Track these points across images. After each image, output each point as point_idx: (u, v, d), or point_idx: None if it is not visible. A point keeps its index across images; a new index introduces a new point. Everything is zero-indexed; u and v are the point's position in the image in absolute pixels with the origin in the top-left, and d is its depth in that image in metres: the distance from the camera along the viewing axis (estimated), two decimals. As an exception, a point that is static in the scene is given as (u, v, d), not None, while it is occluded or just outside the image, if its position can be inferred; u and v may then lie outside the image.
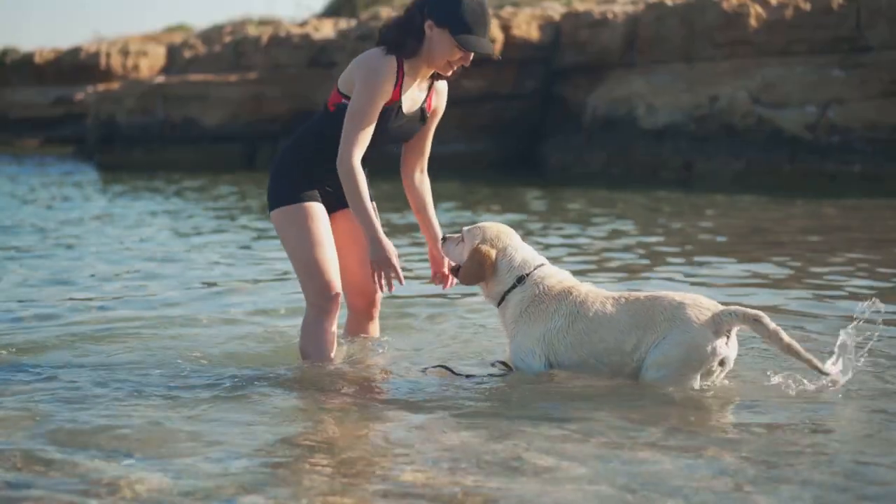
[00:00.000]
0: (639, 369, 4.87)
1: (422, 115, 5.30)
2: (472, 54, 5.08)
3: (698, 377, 4.80)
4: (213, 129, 23.91)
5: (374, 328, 5.64)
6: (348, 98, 5.11)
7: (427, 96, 5.28)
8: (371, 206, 5.04)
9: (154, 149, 24.37)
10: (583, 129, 20.35)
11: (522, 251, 5.19)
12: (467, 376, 5.23)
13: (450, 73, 5.19)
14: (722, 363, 4.82)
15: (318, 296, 5.22)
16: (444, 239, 5.35)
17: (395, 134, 5.24)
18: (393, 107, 5.12)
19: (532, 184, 18.64)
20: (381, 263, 5.00)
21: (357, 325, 5.63)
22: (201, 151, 23.71)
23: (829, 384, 4.88)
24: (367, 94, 5.00)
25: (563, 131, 20.98)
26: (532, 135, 21.53)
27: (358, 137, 4.99)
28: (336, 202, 5.34)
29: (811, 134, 17.11)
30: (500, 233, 5.21)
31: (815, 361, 4.79)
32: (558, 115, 21.20)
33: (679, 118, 18.78)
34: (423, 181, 5.53)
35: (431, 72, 5.19)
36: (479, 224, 5.28)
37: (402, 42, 5.04)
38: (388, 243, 5.01)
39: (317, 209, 5.25)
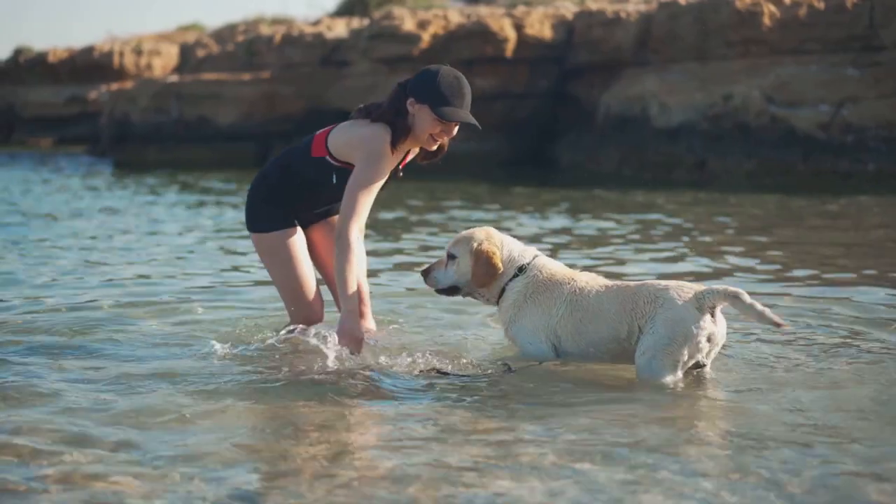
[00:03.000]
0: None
1: (394, 174, 5.71)
2: (456, 126, 5.42)
3: (687, 354, 4.94)
4: (227, 128, 23.97)
5: (367, 326, 5.91)
6: (335, 159, 5.51)
7: (402, 160, 5.68)
8: (355, 282, 5.39)
9: (168, 147, 24.44)
10: (596, 129, 20.34)
11: (516, 244, 5.44)
12: (461, 376, 5.27)
13: (434, 148, 5.54)
14: (710, 339, 4.97)
15: (299, 317, 5.75)
16: (425, 272, 5.52)
17: None
18: None
19: (544, 183, 18.63)
20: (347, 335, 5.38)
21: None
22: (215, 150, 23.77)
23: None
24: (371, 176, 5.41)
25: (575, 130, 20.97)
26: (544, 134, 21.52)
27: (359, 212, 5.41)
28: (311, 217, 5.81)
29: (825, 133, 17.07)
30: (489, 232, 5.44)
31: (779, 320, 4.93)
32: (571, 114, 21.18)
33: (692, 117, 18.75)
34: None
35: (419, 146, 5.57)
36: (463, 235, 5.46)
37: (395, 123, 5.42)
38: (359, 322, 5.43)
39: (292, 235, 5.71)
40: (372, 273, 8.52)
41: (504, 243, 5.37)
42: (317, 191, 5.64)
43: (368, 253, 9.36)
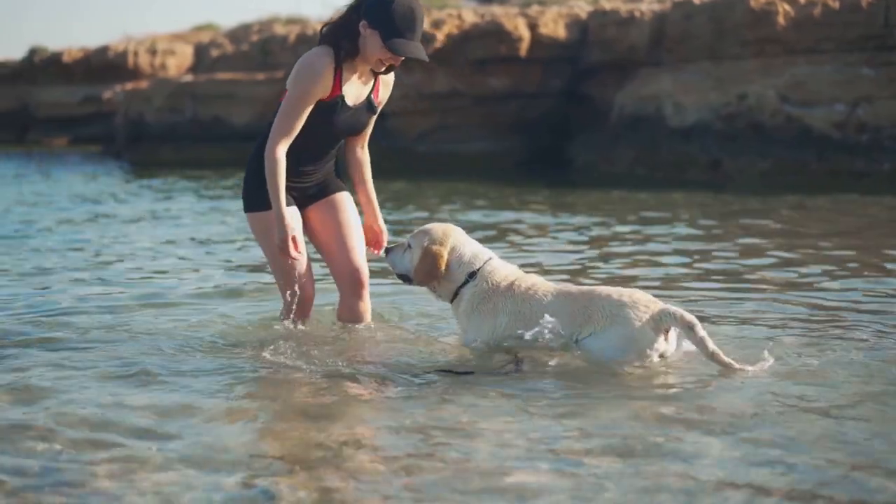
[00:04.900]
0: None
1: (369, 107, 5.63)
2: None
3: (635, 363, 5.03)
4: (242, 128, 24.00)
5: (365, 308, 5.82)
6: None
7: (373, 89, 5.63)
8: (283, 192, 5.40)
9: (182, 147, 24.49)
10: (610, 128, 20.31)
11: (470, 247, 5.40)
12: (464, 373, 5.22)
13: (382, 70, 5.50)
14: (661, 356, 5.06)
15: (289, 295, 5.69)
16: (388, 249, 5.58)
17: (343, 126, 5.60)
18: (336, 100, 5.48)
19: (557, 183, 18.61)
20: (279, 241, 5.44)
21: (347, 307, 5.82)
22: (230, 150, 23.77)
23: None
24: (299, 89, 5.41)
25: (589, 130, 20.94)
26: (557, 133, 21.50)
27: (285, 128, 5.45)
28: (308, 197, 5.73)
29: (840, 132, 17.02)
30: (447, 232, 5.41)
31: (735, 365, 4.99)
32: (584, 113, 21.16)
33: (707, 116, 18.72)
34: (364, 156, 5.89)
35: (369, 67, 5.50)
36: (425, 227, 5.47)
37: (339, 42, 5.39)
38: (286, 225, 5.40)
39: (287, 214, 5.54)
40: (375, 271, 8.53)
41: (456, 246, 5.35)
42: (290, 153, 5.52)
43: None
